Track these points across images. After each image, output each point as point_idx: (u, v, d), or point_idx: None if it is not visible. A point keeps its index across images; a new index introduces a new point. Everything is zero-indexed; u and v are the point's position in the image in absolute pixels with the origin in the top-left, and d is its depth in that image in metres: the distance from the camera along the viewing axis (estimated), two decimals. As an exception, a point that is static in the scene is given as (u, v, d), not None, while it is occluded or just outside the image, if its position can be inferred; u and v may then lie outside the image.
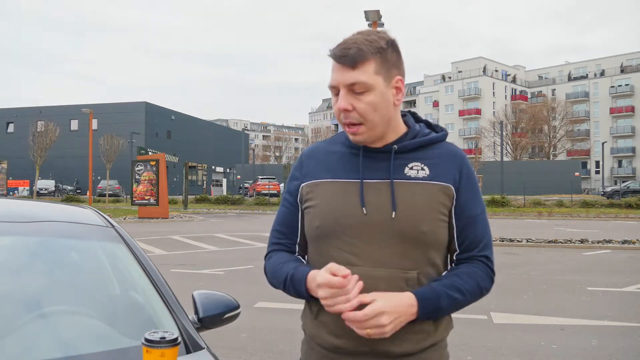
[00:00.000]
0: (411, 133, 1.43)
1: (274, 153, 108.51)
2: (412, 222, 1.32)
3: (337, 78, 1.33)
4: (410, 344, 1.33)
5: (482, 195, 1.47)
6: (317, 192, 1.41)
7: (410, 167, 1.38)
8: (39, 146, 34.97)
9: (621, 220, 23.91)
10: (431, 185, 1.36)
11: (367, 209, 1.34)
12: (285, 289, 1.40)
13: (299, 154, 13.59)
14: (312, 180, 1.43)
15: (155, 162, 24.85)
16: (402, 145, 1.39)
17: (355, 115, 1.33)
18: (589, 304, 7.00)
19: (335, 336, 1.36)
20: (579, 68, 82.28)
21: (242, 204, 34.67)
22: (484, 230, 1.41)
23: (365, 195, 1.35)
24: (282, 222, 1.50)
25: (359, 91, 1.31)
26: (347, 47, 1.32)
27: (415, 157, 1.39)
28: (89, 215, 2.08)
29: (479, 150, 49.34)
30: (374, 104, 1.32)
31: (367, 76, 1.31)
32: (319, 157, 1.46)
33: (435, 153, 1.41)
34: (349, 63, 1.31)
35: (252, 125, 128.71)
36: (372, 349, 1.33)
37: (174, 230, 17.92)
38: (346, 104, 1.32)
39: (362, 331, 1.25)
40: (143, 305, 1.79)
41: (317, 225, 1.39)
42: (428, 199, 1.34)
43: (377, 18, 16.61)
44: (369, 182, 1.37)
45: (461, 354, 4.76)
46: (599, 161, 63.30)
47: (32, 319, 1.58)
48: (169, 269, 9.37)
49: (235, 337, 5.14)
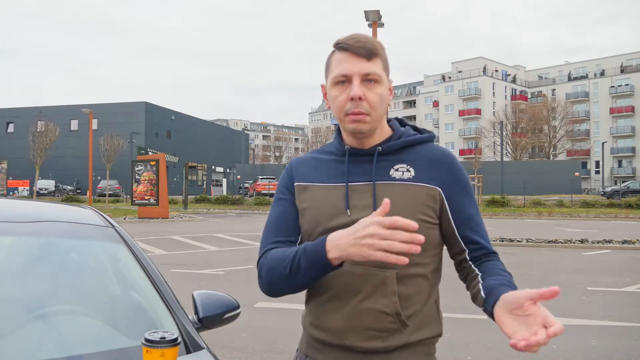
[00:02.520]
0: (396, 135, 1.45)
1: (274, 153, 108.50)
2: None
3: (352, 68, 1.36)
4: (380, 340, 1.34)
5: (482, 195, 1.48)
6: (305, 196, 1.43)
7: (396, 169, 1.40)
8: (39, 146, 34.93)
9: (621, 220, 23.92)
10: (415, 187, 1.37)
11: (350, 211, 1.37)
12: (291, 269, 1.30)
13: (299, 154, 13.59)
14: (302, 183, 1.45)
15: (155, 162, 24.85)
16: (386, 146, 1.41)
17: (365, 105, 1.36)
18: (589, 304, 7.00)
19: (314, 327, 1.41)
20: (579, 68, 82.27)
21: (242, 204, 34.67)
22: (482, 228, 1.44)
23: (350, 198, 1.38)
24: (279, 221, 1.44)
25: (372, 81, 1.36)
26: (361, 40, 1.37)
27: (401, 158, 1.41)
28: (89, 216, 2.08)
29: (479, 150, 49.27)
30: (382, 96, 1.38)
31: (379, 68, 1.38)
32: (307, 163, 1.49)
33: (421, 155, 1.42)
34: (365, 54, 1.36)
35: (252, 125, 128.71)
36: (342, 343, 1.36)
37: (174, 230, 17.91)
38: (361, 92, 1.35)
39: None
40: (143, 306, 1.79)
41: (305, 228, 1.42)
42: (410, 200, 1.36)
43: (377, 18, 16.62)
44: (354, 185, 1.39)
45: (461, 354, 4.76)
46: (599, 161, 63.33)
47: (32, 319, 1.58)
48: (169, 269, 9.38)
49: (235, 337, 5.14)
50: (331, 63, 1.42)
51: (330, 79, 1.40)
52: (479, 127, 73.19)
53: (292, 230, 1.43)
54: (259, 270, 1.42)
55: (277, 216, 1.45)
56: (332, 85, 1.40)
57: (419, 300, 1.37)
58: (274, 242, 1.41)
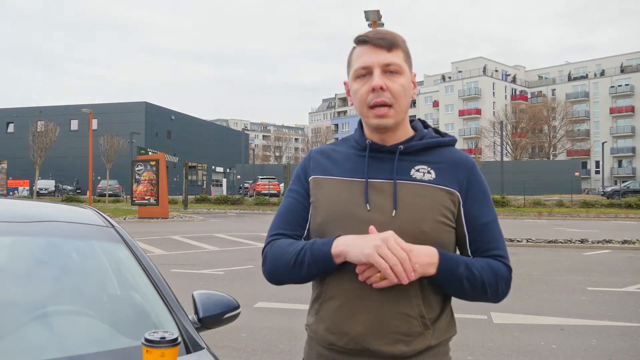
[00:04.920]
0: (418, 135, 1.44)
1: (274, 153, 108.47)
2: (412, 222, 1.32)
3: (372, 59, 1.36)
4: (404, 345, 1.32)
5: None
6: (322, 188, 1.42)
7: (417, 170, 1.38)
8: (39, 146, 34.91)
9: (621, 220, 23.91)
10: (436, 189, 1.36)
11: (370, 206, 1.35)
12: (295, 263, 1.33)
13: (299, 154, 13.52)
14: (319, 176, 1.44)
15: (155, 162, 24.84)
16: (408, 146, 1.40)
17: (388, 94, 1.35)
18: (589, 304, 7.00)
19: (330, 332, 1.36)
20: (579, 68, 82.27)
21: (242, 204, 34.64)
22: (498, 237, 1.41)
23: (369, 194, 1.36)
24: (288, 214, 1.45)
25: (394, 72, 1.36)
26: (381, 32, 1.38)
27: (422, 160, 1.40)
28: (89, 215, 2.08)
29: (479, 150, 49.32)
30: (405, 86, 1.38)
31: (400, 60, 1.38)
32: (327, 155, 1.48)
33: (443, 158, 1.41)
34: (386, 45, 1.36)
35: (252, 125, 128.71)
36: (364, 347, 1.32)
37: (174, 230, 17.91)
38: (382, 82, 1.34)
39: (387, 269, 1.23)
40: (143, 306, 1.79)
41: (319, 221, 1.39)
42: (431, 201, 1.35)
43: (377, 18, 16.62)
44: (374, 181, 1.38)
45: (461, 354, 4.76)
46: (599, 161, 63.31)
47: (32, 319, 1.58)
48: (169, 269, 9.37)
49: (235, 337, 5.14)
50: (352, 58, 1.42)
51: (352, 74, 1.40)
52: (479, 127, 73.15)
53: (298, 225, 1.44)
54: (264, 257, 1.44)
55: (286, 208, 1.46)
56: (354, 80, 1.40)
57: (439, 302, 1.37)
58: (279, 233, 1.43)
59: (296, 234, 1.43)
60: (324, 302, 1.37)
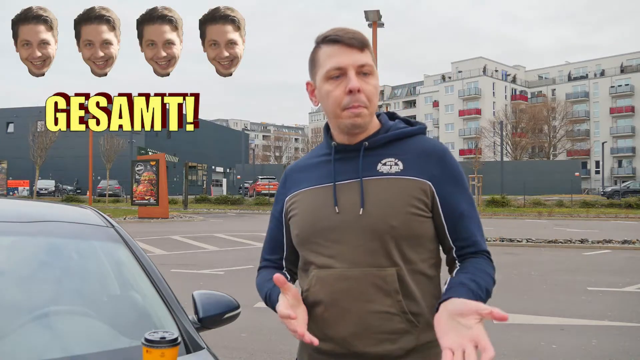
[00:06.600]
0: (384, 128, 1.41)
1: (274, 153, 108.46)
2: (381, 218, 1.30)
3: (346, 60, 1.31)
4: (390, 343, 1.30)
5: (482, 195, 1.46)
6: (298, 202, 1.42)
7: (384, 163, 1.36)
8: (39, 146, 34.93)
9: (621, 220, 23.91)
10: (404, 180, 1.33)
11: (339, 209, 1.34)
12: (265, 302, 1.46)
13: (299, 154, 13.57)
14: (294, 191, 1.44)
15: (155, 162, 24.86)
16: (373, 141, 1.38)
17: (363, 97, 1.32)
18: (589, 304, 7.00)
19: (317, 339, 1.33)
20: (579, 68, 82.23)
21: (242, 204, 34.66)
22: (476, 224, 1.37)
23: (338, 196, 1.35)
24: (270, 239, 1.54)
25: (367, 73, 1.33)
26: (350, 31, 1.34)
27: (389, 152, 1.37)
28: (89, 215, 2.08)
29: (479, 150, 49.22)
30: (377, 87, 1.37)
31: (370, 59, 1.34)
32: (300, 169, 1.48)
33: (411, 148, 1.38)
34: (358, 45, 1.32)
35: (252, 125, 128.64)
36: (351, 350, 1.32)
37: (174, 230, 17.91)
38: (359, 85, 1.31)
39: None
40: (143, 305, 1.79)
41: (296, 233, 1.41)
42: (399, 194, 1.31)
43: (377, 18, 16.64)
44: (342, 183, 1.37)
45: (461, 354, 4.76)
46: (599, 161, 63.28)
47: (32, 318, 1.58)
48: (169, 269, 9.37)
49: (235, 337, 5.14)
50: (319, 58, 1.36)
51: (322, 74, 1.35)
52: (479, 127, 73.12)
53: (278, 249, 1.52)
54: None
55: (268, 234, 1.55)
56: (325, 81, 1.34)
57: (422, 296, 1.33)
58: (265, 259, 1.55)
59: (277, 257, 1.52)
60: (308, 308, 1.36)
